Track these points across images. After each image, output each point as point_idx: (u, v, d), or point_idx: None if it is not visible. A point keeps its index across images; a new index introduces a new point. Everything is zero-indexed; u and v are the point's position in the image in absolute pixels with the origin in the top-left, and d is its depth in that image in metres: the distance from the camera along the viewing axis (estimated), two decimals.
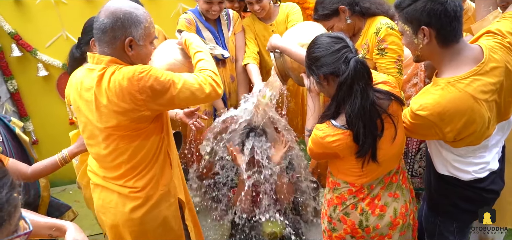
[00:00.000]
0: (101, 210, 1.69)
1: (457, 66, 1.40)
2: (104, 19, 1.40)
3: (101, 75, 1.43)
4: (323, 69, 1.45)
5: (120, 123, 1.46)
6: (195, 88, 1.50)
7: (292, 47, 1.84)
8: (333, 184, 1.66)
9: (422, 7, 1.36)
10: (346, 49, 1.43)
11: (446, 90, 1.38)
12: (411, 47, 1.49)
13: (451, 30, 1.37)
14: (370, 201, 1.58)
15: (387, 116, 1.45)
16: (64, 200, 3.22)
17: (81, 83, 1.51)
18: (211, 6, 2.33)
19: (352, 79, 1.38)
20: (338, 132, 1.45)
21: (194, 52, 1.71)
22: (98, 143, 1.56)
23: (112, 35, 1.41)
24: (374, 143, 1.45)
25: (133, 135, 1.51)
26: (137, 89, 1.40)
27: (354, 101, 1.39)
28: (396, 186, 1.61)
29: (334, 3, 1.92)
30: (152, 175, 1.60)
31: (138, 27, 1.44)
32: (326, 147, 1.49)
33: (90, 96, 1.47)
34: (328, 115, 1.49)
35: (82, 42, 2.04)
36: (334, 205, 1.65)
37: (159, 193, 1.63)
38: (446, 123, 1.40)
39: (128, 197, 1.60)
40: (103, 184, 1.64)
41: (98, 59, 1.46)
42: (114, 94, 1.41)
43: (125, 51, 1.45)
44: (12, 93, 3.30)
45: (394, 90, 1.51)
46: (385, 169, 1.57)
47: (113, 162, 1.56)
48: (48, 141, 3.50)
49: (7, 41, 3.14)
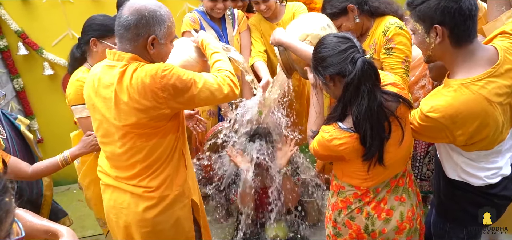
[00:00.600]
0: (112, 211, 1.66)
1: (470, 67, 1.35)
2: (128, 16, 1.40)
3: (123, 71, 1.42)
4: (329, 70, 1.42)
5: (140, 121, 1.45)
6: (215, 88, 1.52)
7: (297, 43, 1.78)
8: (338, 187, 1.61)
9: (436, 5, 1.31)
10: (353, 49, 1.39)
11: (459, 92, 1.33)
12: (423, 47, 1.43)
13: (465, 29, 1.32)
14: (376, 204, 1.53)
15: (395, 119, 1.41)
16: (67, 200, 3.29)
17: (99, 80, 1.49)
18: (216, 4, 2.31)
19: (359, 80, 1.34)
20: (345, 135, 1.41)
21: (211, 53, 1.71)
22: (113, 141, 1.54)
23: (135, 32, 1.41)
24: (381, 146, 1.40)
25: (151, 133, 1.50)
26: (160, 87, 1.40)
27: (361, 103, 1.35)
28: (402, 190, 1.57)
29: (342, 1, 1.88)
30: (166, 174, 1.59)
31: (161, 25, 1.44)
32: (332, 150, 1.45)
33: (110, 93, 1.45)
34: (335, 117, 1.45)
35: (82, 42, 2.02)
36: (339, 209, 1.60)
37: (174, 194, 1.62)
38: (458, 127, 1.35)
39: (141, 197, 1.58)
40: (115, 184, 1.62)
41: (119, 56, 1.45)
42: (136, 91, 1.40)
43: (147, 49, 1.45)
44: (18, 92, 3.31)
45: (402, 92, 1.46)
46: (391, 172, 1.52)
47: (128, 161, 1.55)
48: (53, 139, 3.50)
49: (14, 39, 3.15)
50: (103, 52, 1.90)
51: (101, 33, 1.95)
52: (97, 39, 1.95)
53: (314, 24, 1.79)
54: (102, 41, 1.95)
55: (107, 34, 1.95)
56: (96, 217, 2.35)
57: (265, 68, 2.38)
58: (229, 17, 2.48)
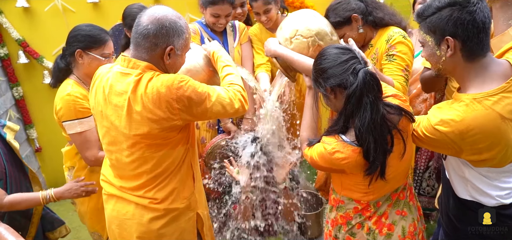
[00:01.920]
0: (115, 222, 1.62)
1: (483, 82, 1.29)
2: (148, 25, 1.38)
3: (138, 80, 1.40)
4: (330, 81, 1.38)
5: (151, 131, 1.43)
6: (226, 103, 1.51)
7: (294, 55, 1.75)
8: (337, 201, 1.57)
9: (448, 16, 1.26)
10: (354, 60, 1.36)
11: (471, 107, 1.27)
12: (433, 60, 1.37)
13: (478, 42, 1.27)
14: (377, 219, 1.49)
15: (397, 132, 1.37)
16: (64, 209, 3.23)
17: (110, 86, 1.46)
18: (218, 19, 2.30)
19: (361, 91, 1.31)
20: (348, 149, 1.37)
21: (223, 66, 1.70)
22: (120, 150, 1.51)
23: (154, 41, 1.40)
24: (384, 160, 1.37)
25: (161, 144, 1.48)
26: (175, 98, 1.39)
27: (363, 115, 1.31)
28: (403, 203, 1.53)
29: (347, 10, 1.86)
30: (173, 187, 1.56)
31: (180, 37, 1.44)
32: (334, 163, 1.40)
33: (122, 101, 1.42)
34: (336, 130, 1.41)
35: (66, 53, 1.95)
36: (338, 225, 1.56)
37: (180, 207, 1.59)
38: (467, 143, 1.29)
39: (147, 208, 1.55)
40: (119, 194, 1.59)
41: (134, 64, 1.43)
42: (151, 100, 1.38)
43: (163, 59, 1.44)
44: (17, 100, 3.29)
45: (404, 105, 1.43)
46: (392, 186, 1.49)
47: (134, 170, 1.52)
48: (52, 148, 3.48)
49: (15, 48, 3.16)
50: (90, 64, 1.89)
51: (87, 44, 1.88)
52: (82, 51, 1.88)
53: (306, 21, 1.77)
54: (88, 53, 1.89)
55: (93, 45, 1.89)
56: (90, 232, 2.29)
57: (266, 79, 2.36)
58: (231, 29, 2.47)
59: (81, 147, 1.91)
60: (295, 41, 1.74)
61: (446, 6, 1.27)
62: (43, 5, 3.09)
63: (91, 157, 1.91)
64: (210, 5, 2.25)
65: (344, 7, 1.88)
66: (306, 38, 1.71)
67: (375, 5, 1.92)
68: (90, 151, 1.90)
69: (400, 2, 3.25)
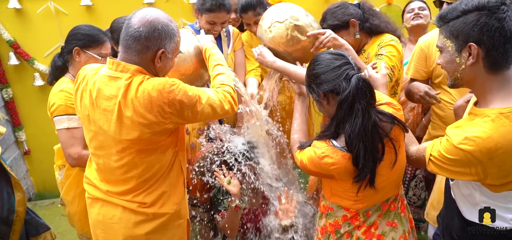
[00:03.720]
0: (100, 226, 1.57)
1: (507, 96, 1.17)
2: (140, 27, 1.35)
3: (128, 84, 1.37)
4: (323, 87, 1.36)
5: (142, 136, 1.40)
6: (216, 105, 1.49)
7: (288, 66, 1.78)
8: (326, 208, 1.53)
9: (474, 21, 1.14)
10: (348, 66, 1.34)
11: (499, 123, 1.14)
12: (450, 67, 1.25)
13: (503, 53, 1.15)
14: (366, 229, 1.44)
15: (389, 141, 1.33)
16: (51, 214, 3.19)
17: (98, 90, 1.41)
18: (214, 26, 2.26)
19: (353, 97, 1.28)
20: (338, 154, 1.33)
21: (214, 64, 1.68)
22: (109, 155, 1.47)
23: (145, 44, 1.37)
24: (374, 168, 1.33)
25: (151, 149, 1.45)
26: (167, 102, 1.36)
27: (354, 121, 1.28)
28: (394, 215, 1.48)
29: (346, 15, 1.89)
30: (162, 190, 1.52)
31: (172, 40, 1.42)
32: (323, 168, 1.37)
33: (111, 105, 1.39)
34: (328, 135, 1.38)
35: (64, 50, 1.96)
36: (327, 233, 1.52)
37: (169, 212, 1.55)
38: (494, 163, 1.15)
39: (134, 212, 1.51)
40: (105, 198, 1.54)
41: (124, 67, 1.38)
42: (142, 104, 1.35)
43: (154, 62, 1.41)
44: (6, 101, 3.24)
45: (397, 114, 1.39)
46: (383, 196, 1.44)
47: (123, 175, 1.48)
48: (41, 151, 3.42)
49: (5, 49, 3.12)
50: (86, 62, 1.88)
51: (85, 43, 1.90)
52: (80, 49, 1.90)
53: (286, 12, 1.81)
54: (86, 51, 1.90)
55: (92, 44, 1.91)
56: (78, 234, 2.24)
57: (255, 83, 2.35)
58: (225, 35, 2.44)
59: (66, 144, 1.88)
60: (274, 29, 1.79)
61: (473, 9, 1.16)
62: (36, 7, 3.06)
63: (74, 155, 1.87)
64: (206, 12, 2.22)
65: (342, 11, 1.90)
66: (282, 22, 1.76)
67: (372, 13, 1.96)
68: (74, 148, 1.87)
69: (393, 12, 3.31)
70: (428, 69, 2.24)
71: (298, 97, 1.75)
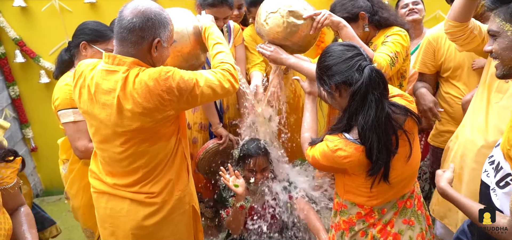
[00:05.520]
0: (108, 220, 1.57)
1: None
2: (133, 18, 1.32)
3: (125, 77, 1.35)
4: (335, 78, 1.30)
5: (144, 125, 1.39)
6: (216, 85, 1.48)
7: (301, 63, 1.76)
8: (339, 205, 1.46)
9: None
10: (360, 57, 1.28)
11: None
12: (507, 55, 1.13)
13: None
14: (382, 227, 1.37)
15: (403, 133, 1.26)
16: (57, 210, 3.16)
17: (96, 85, 1.40)
18: (216, 22, 2.27)
19: (366, 88, 1.22)
20: (351, 147, 1.27)
21: (213, 43, 1.64)
22: (113, 147, 1.46)
23: (140, 35, 1.34)
24: (388, 161, 1.26)
25: (155, 138, 1.44)
26: (165, 89, 1.35)
27: (367, 112, 1.22)
28: (411, 212, 1.40)
29: (356, 7, 1.83)
30: (168, 179, 1.51)
31: (166, 28, 1.40)
32: (336, 162, 1.30)
33: (111, 99, 1.37)
34: (340, 128, 1.32)
35: (72, 45, 1.96)
36: (341, 230, 1.44)
37: (174, 199, 1.54)
38: None
39: (142, 203, 1.50)
40: (111, 192, 1.53)
41: (120, 60, 1.36)
42: (140, 95, 1.34)
43: (151, 52, 1.39)
44: (13, 99, 3.20)
45: (410, 106, 1.33)
46: (398, 192, 1.36)
47: (129, 166, 1.47)
48: (47, 148, 3.39)
49: (11, 47, 3.08)
50: (92, 57, 1.85)
51: (92, 37, 1.90)
52: (87, 43, 1.90)
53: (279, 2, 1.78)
54: (93, 46, 1.90)
55: (99, 39, 1.91)
56: (82, 228, 2.23)
57: (259, 76, 2.31)
58: (225, 30, 2.39)
59: (72, 137, 1.87)
60: (269, 20, 1.75)
61: None
62: (40, 5, 3.00)
63: (82, 147, 1.87)
64: (208, 7, 2.15)
65: (352, 4, 1.85)
66: (276, 11, 1.72)
67: (381, 5, 1.90)
68: (81, 141, 1.86)
69: None
70: (436, 63, 2.20)
71: (308, 96, 1.71)
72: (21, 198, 1.49)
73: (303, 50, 1.90)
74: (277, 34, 1.79)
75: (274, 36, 1.81)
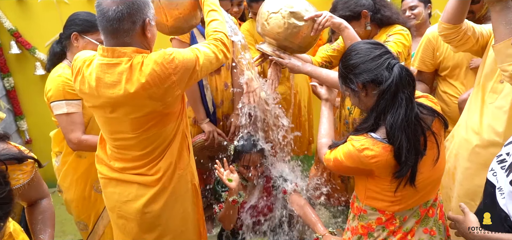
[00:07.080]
0: (117, 205, 1.59)
1: None
2: (118, 6, 1.29)
3: (129, 67, 1.34)
4: (362, 77, 1.24)
5: (156, 109, 1.41)
6: (212, 57, 1.51)
7: (321, 71, 1.75)
8: (359, 210, 1.39)
9: None
10: (388, 55, 1.23)
11: None
12: None
13: None
14: (402, 236, 1.30)
15: (431, 134, 1.21)
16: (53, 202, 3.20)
17: (97, 80, 1.37)
18: None
19: (396, 87, 1.17)
20: (379, 146, 1.20)
21: (208, 10, 1.63)
22: (124, 135, 1.48)
23: (130, 21, 1.32)
24: (416, 163, 1.20)
25: (165, 120, 1.47)
26: (171, 71, 1.36)
27: (397, 111, 1.17)
28: (433, 221, 1.33)
29: (358, 5, 1.80)
30: (171, 158, 1.54)
31: (150, 6, 1.38)
32: (362, 162, 1.23)
33: (117, 91, 1.35)
34: (366, 128, 1.25)
35: (63, 36, 1.91)
36: (358, 235, 1.38)
37: (176, 176, 1.57)
38: None
39: (149, 186, 1.53)
40: (118, 177, 1.55)
41: (120, 52, 1.33)
42: (149, 81, 1.34)
43: (145, 34, 1.37)
44: (8, 91, 3.08)
45: (436, 107, 1.28)
46: (422, 198, 1.30)
47: (142, 150, 1.49)
48: (42, 140, 3.25)
49: (7, 38, 2.96)
50: (84, 47, 1.82)
51: (83, 28, 1.86)
52: (79, 34, 1.85)
53: (274, 0, 1.77)
54: (84, 36, 1.86)
55: (90, 29, 1.86)
56: (76, 221, 2.18)
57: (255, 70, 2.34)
58: None
59: (66, 129, 1.84)
60: (270, 20, 1.71)
61: None
62: None
63: (75, 140, 1.83)
64: None
65: (355, 2, 1.81)
66: (277, 12, 1.71)
67: (383, 4, 1.86)
68: (74, 133, 1.83)
69: None
70: (435, 62, 2.19)
71: (325, 103, 1.68)
72: (43, 191, 1.42)
73: (303, 51, 1.85)
74: (277, 35, 1.74)
75: (274, 36, 1.76)
